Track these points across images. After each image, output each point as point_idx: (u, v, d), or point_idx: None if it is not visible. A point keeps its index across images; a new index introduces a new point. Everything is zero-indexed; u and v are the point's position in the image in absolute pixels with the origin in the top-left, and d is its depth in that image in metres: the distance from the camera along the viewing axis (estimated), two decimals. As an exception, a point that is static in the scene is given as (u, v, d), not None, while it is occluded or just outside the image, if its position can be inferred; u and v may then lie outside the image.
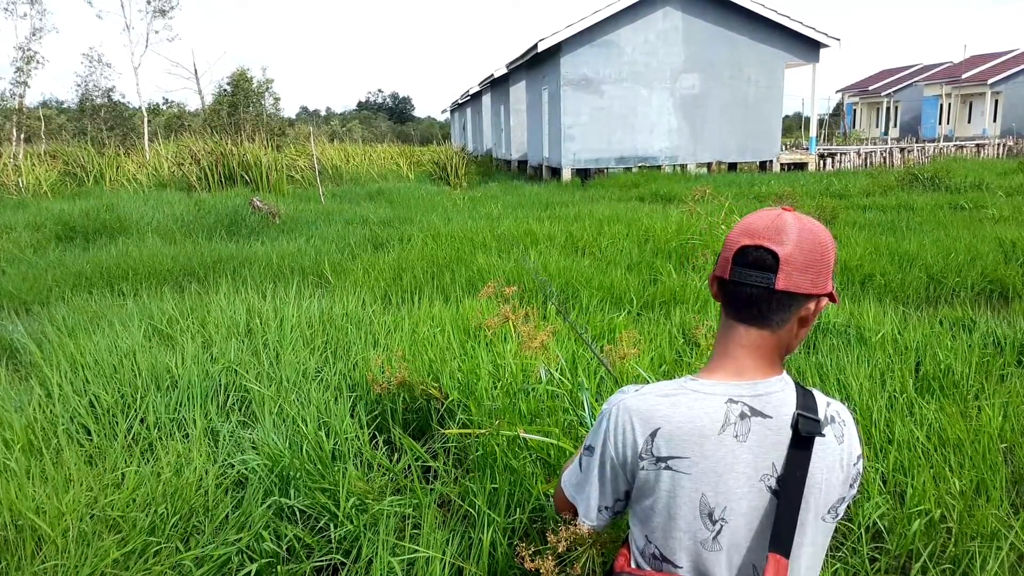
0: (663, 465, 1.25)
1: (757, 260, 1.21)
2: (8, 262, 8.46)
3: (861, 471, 1.32)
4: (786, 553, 1.20)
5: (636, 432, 1.27)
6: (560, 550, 1.82)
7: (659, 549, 1.29)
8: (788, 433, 1.23)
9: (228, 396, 3.87)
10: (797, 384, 1.29)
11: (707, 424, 1.23)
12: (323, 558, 2.61)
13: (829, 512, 1.28)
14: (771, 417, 1.24)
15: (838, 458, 1.26)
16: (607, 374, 3.42)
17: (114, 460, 3.04)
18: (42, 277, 7.34)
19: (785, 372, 1.30)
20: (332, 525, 2.69)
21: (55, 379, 3.83)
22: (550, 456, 2.75)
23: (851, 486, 1.30)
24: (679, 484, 1.24)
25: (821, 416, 1.25)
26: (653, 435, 1.25)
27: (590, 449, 1.36)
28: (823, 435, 1.24)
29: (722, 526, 1.24)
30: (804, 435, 1.22)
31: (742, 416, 1.23)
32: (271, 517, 2.71)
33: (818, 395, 1.29)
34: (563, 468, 1.50)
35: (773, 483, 1.23)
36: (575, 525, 1.46)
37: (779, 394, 1.26)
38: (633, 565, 1.35)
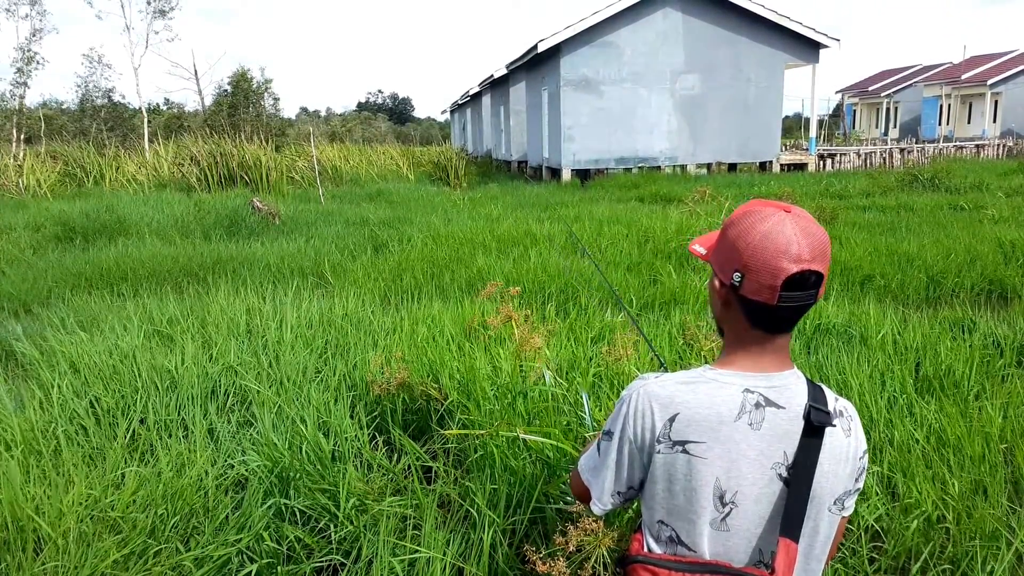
0: (679, 449, 1.29)
1: (802, 282, 1.24)
2: (8, 263, 8.46)
3: (866, 466, 1.37)
4: (795, 538, 1.25)
5: (656, 416, 1.31)
6: (570, 550, 1.83)
7: (675, 532, 1.33)
8: (800, 423, 1.28)
9: (228, 397, 3.87)
10: (807, 378, 1.34)
11: (724, 411, 1.28)
12: (323, 558, 2.61)
13: (835, 503, 1.32)
14: (784, 408, 1.29)
15: (845, 451, 1.31)
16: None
17: (114, 461, 3.04)
18: (42, 278, 7.34)
19: (795, 367, 1.35)
20: (332, 526, 2.69)
21: (55, 380, 3.83)
22: (549, 457, 2.75)
23: (856, 479, 1.36)
24: (694, 468, 1.28)
25: (830, 409, 1.31)
26: (672, 420, 1.29)
27: (609, 434, 1.40)
28: (834, 425, 1.29)
29: (732, 509, 1.29)
30: (816, 425, 1.27)
31: (757, 405, 1.28)
32: (271, 518, 2.71)
33: (827, 391, 1.34)
34: (581, 453, 1.54)
35: (784, 471, 1.28)
36: (583, 522, 1.47)
37: (792, 387, 1.31)
38: (646, 549, 1.38)
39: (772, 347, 1.32)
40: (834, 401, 1.33)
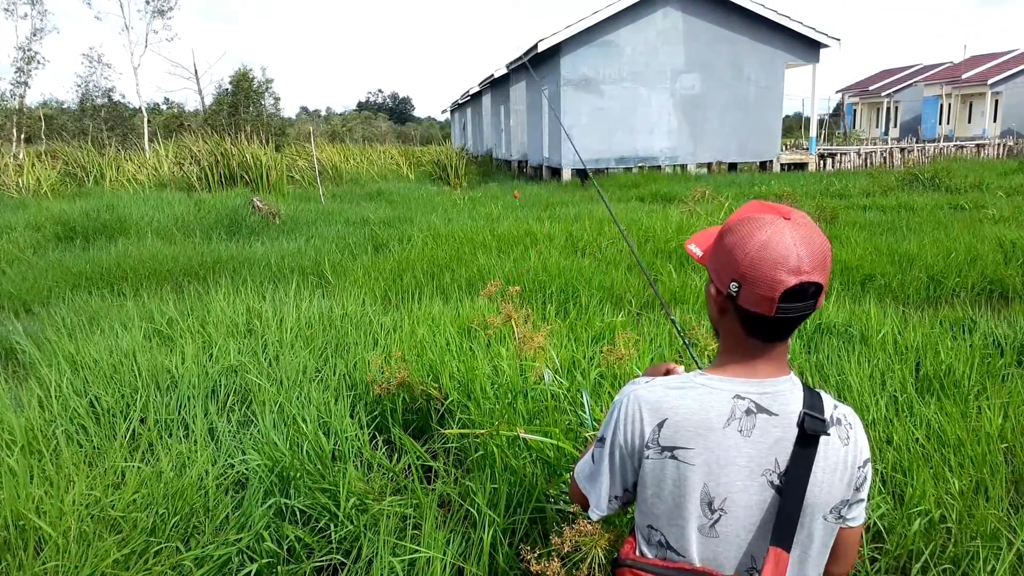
0: (668, 455, 1.28)
1: (801, 293, 1.21)
2: (8, 262, 8.46)
3: (869, 475, 1.33)
4: (787, 547, 1.23)
5: (644, 421, 1.29)
6: (565, 550, 1.83)
7: (664, 537, 1.32)
8: (794, 431, 1.25)
9: (228, 397, 3.87)
10: (804, 385, 1.32)
11: (713, 417, 1.26)
12: (323, 558, 2.61)
13: (831, 512, 1.29)
14: (777, 415, 1.26)
15: (842, 459, 1.28)
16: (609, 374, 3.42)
17: (114, 460, 3.04)
18: (42, 277, 7.34)
19: (793, 373, 1.32)
20: (332, 525, 2.69)
21: (55, 380, 3.83)
22: (550, 457, 2.75)
23: (857, 489, 1.31)
24: (683, 474, 1.27)
25: (827, 417, 1.27)
26: (661, 425, 1.28)
27: (602, 440, 1.39)
28: (828, 434, 1.26)
29: (720, 516, 1.27)
30: (809, 433, 1.24)
31: (748, 412, 1.26)
32: (271, 517, 2.71)
33: (826, 397, 1.31)
34: (577, 460, 1.53)
35: (775, 479, 1.26)
36: (579, 523, 1.46)
37: (786, 393, 1.28)
38: (638, 553, 1.37)
39: (768, 355, 1.29)
40: (832, 408, 1.30)
